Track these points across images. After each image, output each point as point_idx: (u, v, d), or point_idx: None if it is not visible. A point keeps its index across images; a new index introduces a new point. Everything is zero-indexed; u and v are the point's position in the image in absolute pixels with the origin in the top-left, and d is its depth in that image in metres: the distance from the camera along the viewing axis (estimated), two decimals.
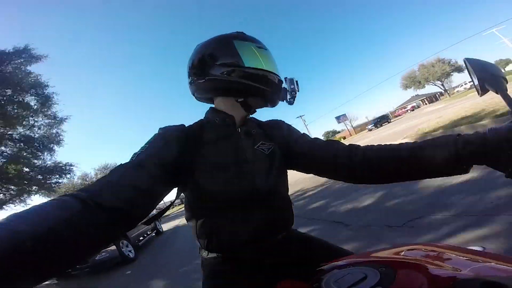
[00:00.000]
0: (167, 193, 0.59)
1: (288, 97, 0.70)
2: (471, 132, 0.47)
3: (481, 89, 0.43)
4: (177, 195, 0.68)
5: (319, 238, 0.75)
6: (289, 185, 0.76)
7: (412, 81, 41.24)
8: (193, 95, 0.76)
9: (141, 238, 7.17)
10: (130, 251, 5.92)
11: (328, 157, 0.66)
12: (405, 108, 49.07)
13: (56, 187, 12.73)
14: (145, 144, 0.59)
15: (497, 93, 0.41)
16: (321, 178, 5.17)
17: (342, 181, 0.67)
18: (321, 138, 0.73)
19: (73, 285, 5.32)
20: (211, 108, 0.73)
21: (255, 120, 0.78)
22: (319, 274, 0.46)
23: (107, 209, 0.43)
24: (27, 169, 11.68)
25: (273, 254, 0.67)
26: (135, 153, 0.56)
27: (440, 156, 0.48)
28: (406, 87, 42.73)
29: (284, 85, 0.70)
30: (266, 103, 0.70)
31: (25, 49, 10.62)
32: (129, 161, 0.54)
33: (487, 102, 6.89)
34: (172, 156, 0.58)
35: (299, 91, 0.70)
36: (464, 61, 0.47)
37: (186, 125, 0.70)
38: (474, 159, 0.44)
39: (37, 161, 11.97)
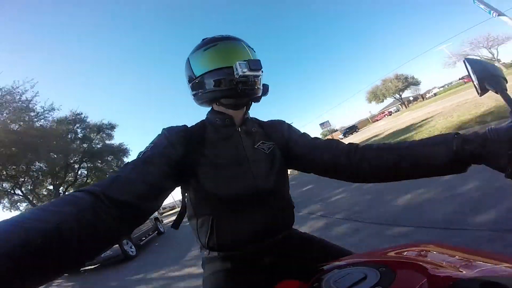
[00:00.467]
0: (172, 190, 0.61)
1: (240, 86, 0.61)
2: (470, 132, 0.47)
3: (481, 89, 0.43)
4: (182, 194, 0.69)
5: (319, 237, 0.75)
6: None
7: (374, 95, 46.03)
8: None
9: (143, 238, 7.39)
10: (131, 250, 6.27)
11: (328, 156, 0.66)
12: (383, 113, 54.28)
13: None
14: (150, 143, 0.61)
15: (497, 93, 0.41)
16: None
17: (342, 180, 0.67)
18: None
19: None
20: (212, 109, 0.74)
21: (256, 120, 0.79)
22: (319, 274, 0.46)
23: (119, 203, 0.44)
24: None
25: (274, 253, 0.67)
26: (141, 151, 0.58)
27: (439, 155, 0.48)
28: (370, 100, 47.78)
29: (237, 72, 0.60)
30: (235, 101, 0.67)
31: (103, 126, 15.14)
32: (136, 158, 0.56)
33: (439, 110, 8.10)
34: (176, 156, 0.60)
35: (257, 70, 0.59)
36: (464, 62, 0.47)
37: (189, 125, 0.71)
38: (473, 159, 0.44)
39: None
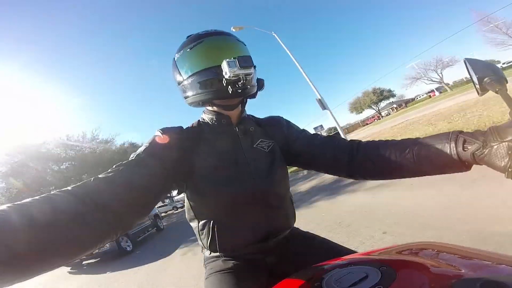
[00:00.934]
0: (166, 193, 0.59)
1: (231, 86, 0.57)
2: (471, 132, 0.47)
3: (481, 89, 0.43)
4: (178, 193, 0.68)
5: (320, 236, 0.75)
6: None
7: (354, 106, 51.70)
8: None
9: (141, 235, 7.41)
10: (128, 245, 6.33)
11: (329, 153, 0.65)
12: (373, 117, 59.14)
13: None
14: (144, 144, 0.59)
15: (497, 93, 0.41)
16: None
17: (343, 177, 0.67)
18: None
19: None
20: (206, 109, 0.70)
21: (253, 118, 0.77)
22: (320, 273, 0.46)
23: (104, 209, 0.42)
24: None
25: (275, 253, 0.67)
26: (134, 153, 0.56)
27: (440, 154, 0.48)
28: (351, 111, 53.62)
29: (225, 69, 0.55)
30: (228, 101, 0.64)
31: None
32: (129, 160, 0.54)
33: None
34: (171, 158, 0.58)
35: (248, 68, 0.55)
36: (464, 61, 0.47)
37: (184, 126, 0.69)
38: (474, 159, 0.44)
39: None
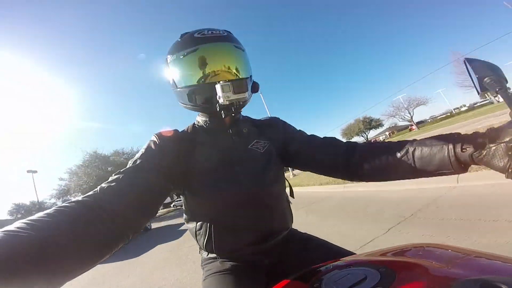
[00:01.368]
0: (166, 196, 0.59)
1: (224, 111, 0.59)
2: (470, 133, 0.46)
3: (481, 89, 0.43)
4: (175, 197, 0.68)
5: (319, 238, 0.74)
6: None
7: (344, 132, 55.24)
8: None
9: None
10: None
11: (326, 154, 0.65)
12: (374, 140, 65.77)
13: None
14: (141, 150, 0.60)
15: (497, 93, 0.41)
16: None
17: (339, 178, 0.66)
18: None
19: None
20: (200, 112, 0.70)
21: (248, 119, 0.77)
22: (319, 274, 0.45)
23: (113, 214, 0.43)
24: None
25: (273, 254, 0.67)
26: (131, 160, 0.57)
27: (438, 155, 0.48)
28: (343, 136, 57.25)
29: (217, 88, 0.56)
30: (220, 119, 0.65)
31: None
32: (128, 167, 0.54)
33: None
34: (167, 162, 0.58)
35: (242, 93, 0.55)
36: (464, 61, 0.47)
37: (180, 130, 0.69)
38: (473, 159, 0.44)
39: None
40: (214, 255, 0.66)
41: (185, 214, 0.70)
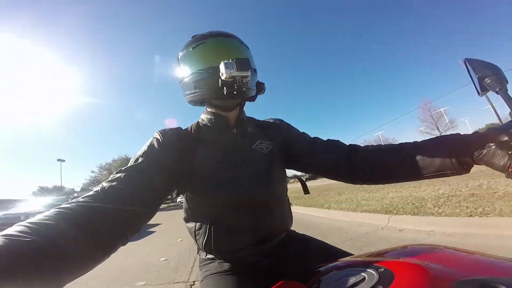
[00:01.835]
0: (168, 194, 0.60)
1: (226, 88, 0.57)
2: (470, 133, 0.46)
3: (481, 89, 0.43)
4: (177, 196, 0.68)
5: (317, 239, 0.74)
6: None
7: None
8: None
9: None
10: None
11: (328, 157, 0.65)
12: None
13: None
14: (143, 147, 0.60)
15: (497, 93, 0.41)
16: None
17: (341, 181, 0.67)
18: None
19: None
20: (206, 108, 0.72)
21: (252, 120, 0.77)
22: (317, 275, 0.45)
23: (113, 214, 0.43)
24: None
25: (272, 255, 0.67)
26: (133, 158, 0.57)
27: (439, 156, 0.48)
28: None
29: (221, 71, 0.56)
30: (224, 102, 0.67)
31: None
32: (129, 165, 0.54)
33: None
34: (170, 160, 0.59)
35: (245, 70, 0.54)
36: (464, 62, 0.47)
37: (183, 128, 0.70)
38: (473, 160, 0.44)
39: None
40: (213, 255, 0.66)
41: (184, 213, 0.70)
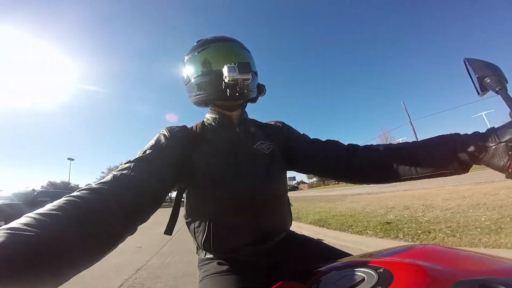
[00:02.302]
0: (171, 189, 0.61)
1: (229, 90, 0.60)
2: (470, 133, 0.46)
3: (481, 89, 0.42)
4: (177, 195, 0.69)
5: (317, 239, 0.74)
6: None
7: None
8: None
9: None
10: None
11: (328, 157, 0.66)
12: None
13: None
14: (151, 142, 0.61)
15: (497, 93, 0.41)
16: None
17: (341, 181, 0.67)
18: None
19: None
20: (210, 108, 0.73)
21: (254, 121, 0.79)
22: (316, 276, 0.45)
23: (123, 203, 0.44)
24: None
25: (271, 255, 0.66)
26: (140, 151, 0.58)
27: (439, 156, 0.48)
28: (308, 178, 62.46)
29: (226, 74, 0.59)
30: (227, 103, 0.69)
31: None
32: (137, 156, 0.56)
33: None
34: (175, 156, 0.60)
35: (246, 73, 0.57)
36: (464, 61, 0.46)
37: (188, 126, 0.72)
38: (473, 159, 0.44)
39: None
40: (212, 255, 0.66)
41: (185, 211, 0.70)
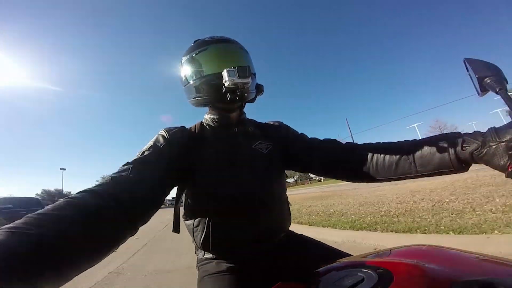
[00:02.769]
0: (171, 189, 0.61)
1: (229, 94, 0.60)
2: (471, 132, 0.46)
3: (481, 89, 0.42)
4: (177, 194, 0.69)
5: (316, 240, 0.74)
6: None
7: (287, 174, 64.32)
8: None
9: None
10: None
11: (327, 156, 0.65)
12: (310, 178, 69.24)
13: None
14: (149, 143, 0.61)
15: (497, 93, 0.41)
16: None
17: (341, 180, 0.67)
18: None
19: None
20: (209, 109, 0.73)
21: (253, 121, 0.79)
22: (316, 276, 0.45)
23: (123, 204, 0.43)
24: None
25: (271, 255, 0.66)
26: (139, 151, 0.58)
27: (438, 154, 0.48)
28: (287, 177, 66.80)
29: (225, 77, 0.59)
30: (226, 105, 0.68)
31: None
32: (136, 158, 0.55)
33: None
34: (174, 157, 0.60)
35: (246, 77, 0.57)
36: (464, 62, 0.46)
37: (187, 126, 0.71)
38: (473, 159, 0.44)
39: None
40: (210, 255, 0.66)
41: (184, 210, 0.70)
